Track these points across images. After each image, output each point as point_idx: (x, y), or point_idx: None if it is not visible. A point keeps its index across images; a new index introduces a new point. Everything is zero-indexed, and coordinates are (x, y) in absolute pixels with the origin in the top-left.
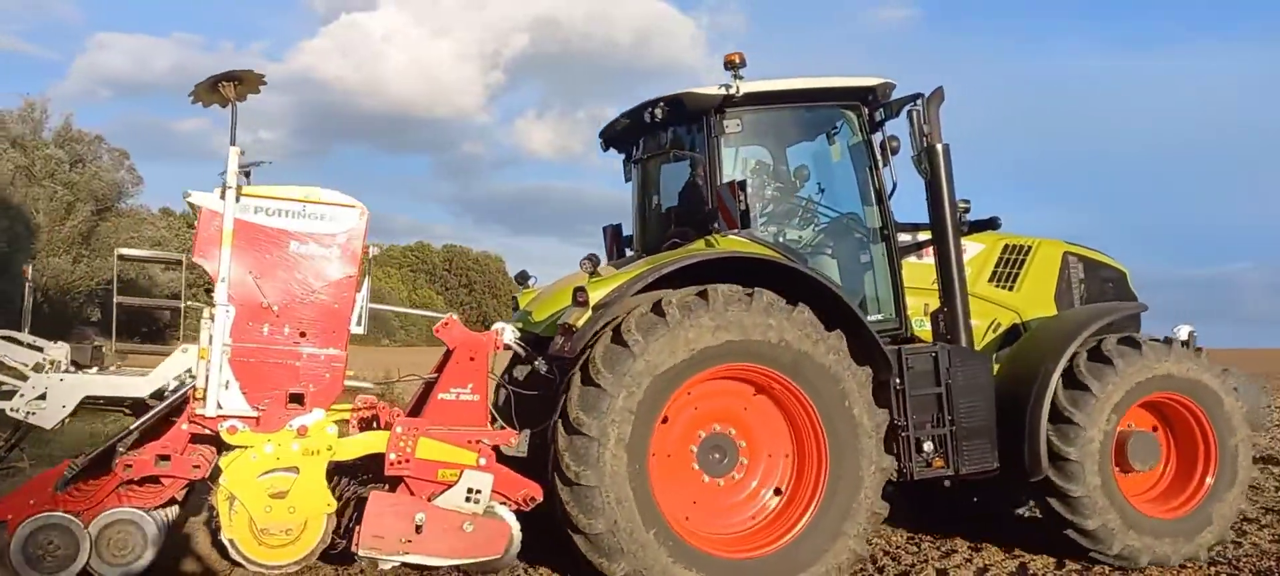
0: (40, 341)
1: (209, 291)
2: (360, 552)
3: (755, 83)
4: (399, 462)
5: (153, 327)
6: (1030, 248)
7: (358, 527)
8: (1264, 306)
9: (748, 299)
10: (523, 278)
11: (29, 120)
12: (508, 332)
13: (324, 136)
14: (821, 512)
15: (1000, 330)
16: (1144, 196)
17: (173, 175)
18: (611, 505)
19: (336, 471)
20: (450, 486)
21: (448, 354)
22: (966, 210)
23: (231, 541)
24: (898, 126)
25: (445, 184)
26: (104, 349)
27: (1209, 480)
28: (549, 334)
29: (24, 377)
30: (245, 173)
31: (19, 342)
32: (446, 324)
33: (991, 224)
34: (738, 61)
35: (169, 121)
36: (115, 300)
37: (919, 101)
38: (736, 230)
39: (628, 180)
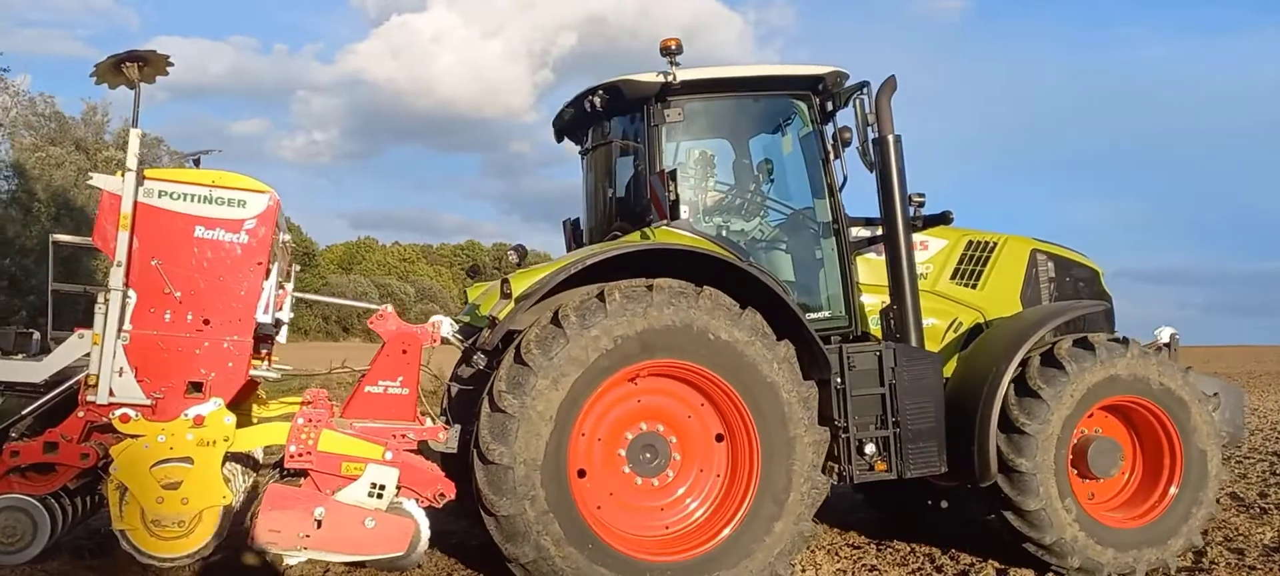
0: None
1: None
2: (256, 546)
3: (695, 70)
4: (300, 455)
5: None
6: (995, 244)
7: (253, 520)
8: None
9: (695, 295)
10: (474, 271)
11: (91, 123)
12: (445, 326)
13: (375, 137)
14: (742, 529)
15: (961, 329)
16: (1208, 188)
17: None
18: (524, 488)
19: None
20: (355, 480)
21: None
22: (921, 205)
23: (122, 532)
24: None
25: (494, 182)
26: (36, 336)
27: (1173, 489)
28: None
29: None
30: (194, 160)
31: None
32: (382, 315)
33: (944, 218)
34: (673, 48)
35: (226, 123)
36: (50, 287)
37: (865, 91)
38: (666, 221)
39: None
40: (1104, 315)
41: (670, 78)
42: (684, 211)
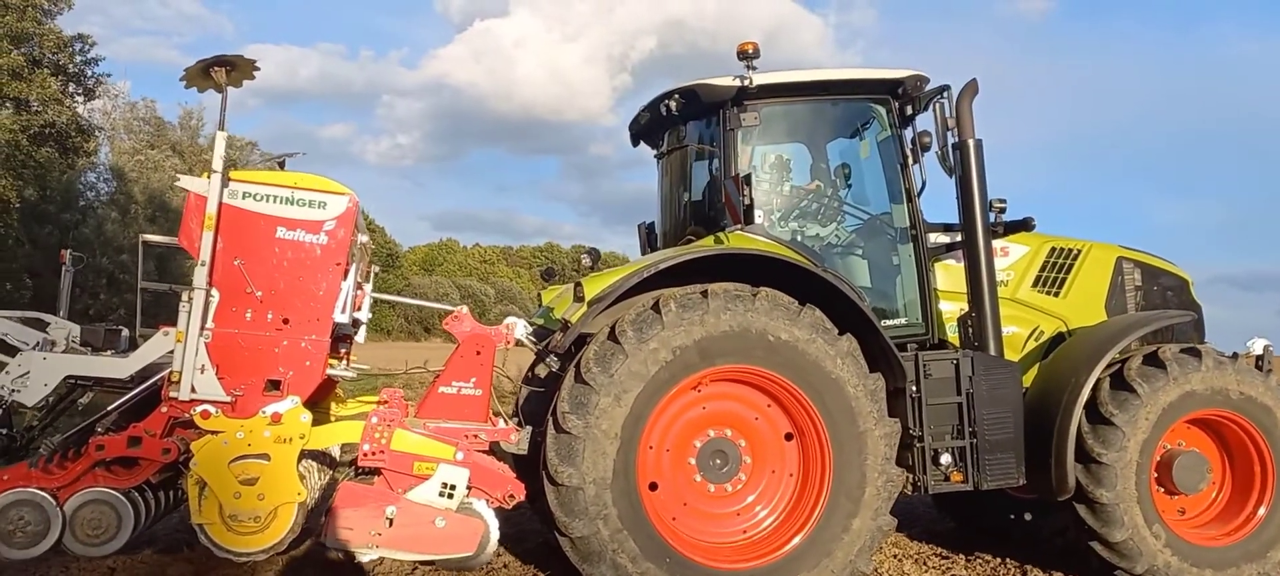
0: (50, 319)
1: None
2: (328, 543)
3: (772, 74)
4: (373, 454)
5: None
6: (1080, 251)
7: (325, 518)
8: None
9: (752, 297)
10: (548, 274)
11: (187, 127)
12: (520, 328)
13: (459, 140)
14: (820, 529)
15: (1042, 338)
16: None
17: None
18: (595, 508)
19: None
20: (426, 480)
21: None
22: (1002, 210)
23: (200, 526)
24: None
25: (573, 185)
26: (125, 333)
27: (1263, 509)
28: None
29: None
30: (279, 162)
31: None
32: (456, 316)
33: (1025, 225)
34: (750, 51)
35: (314, 127)
36: (139, 286)
37: (946, 95)
38: (740, 226)
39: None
40: (1192, 325)
41: (747, 81)
42: (758, 216)
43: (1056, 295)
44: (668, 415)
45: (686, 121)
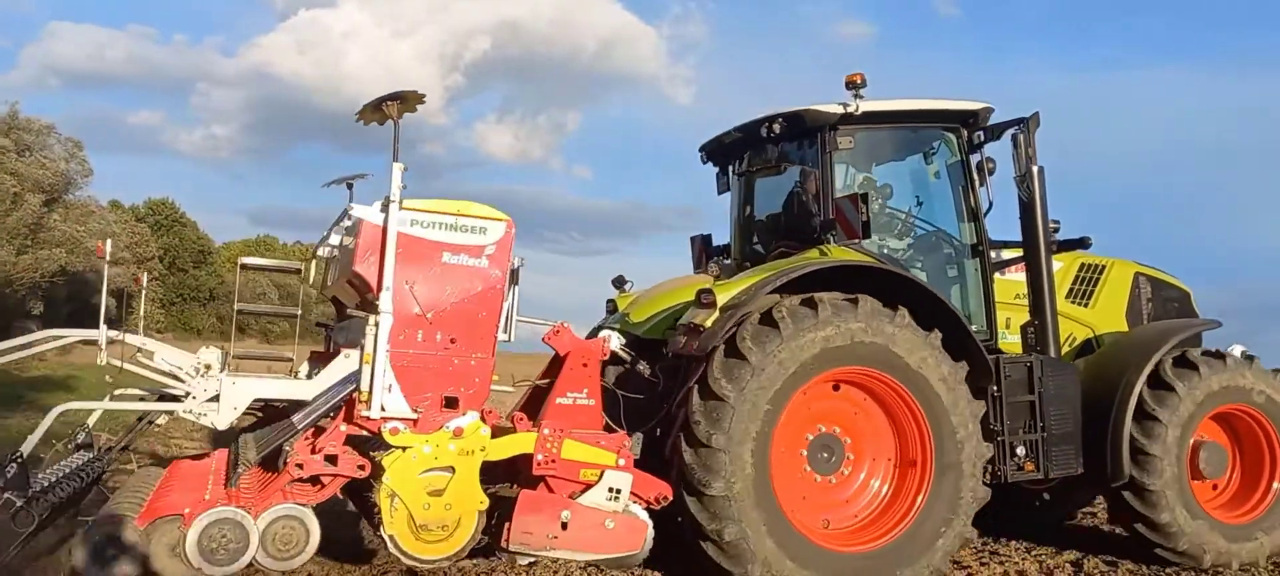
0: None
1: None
2: (510, 548)
3: (872, 102)
4: (546, 462)
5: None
6: (1105, 267)
7: (507, 524)
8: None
9: (853, 306)
10: (619, 282)
11: None
12: (614, 340)
13: (279, 133)
14: (887, 551)
15: (1075, 343)
16: (1106, 220)
17: (124, 166)
18: (740, 511)
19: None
20: (591, 486)
21: (556, 359)
22: (1056, 230)
23: (391, 537)
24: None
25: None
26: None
27: (1277, 485)
28: (652, 336)
29: (178, 379)
30: (347, 184)
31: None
32: (557, 331)
33: (1081, 243)
34: (859, 82)
35: (121, 113)
36: (235, 307)
37: (1023, 126)
38: (856, 241)
39: (721, 192)
40: (1201, 334)
41: (852, 109)
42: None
43: (1086, 305)
44: (815, 393)
45: (779, 143)
